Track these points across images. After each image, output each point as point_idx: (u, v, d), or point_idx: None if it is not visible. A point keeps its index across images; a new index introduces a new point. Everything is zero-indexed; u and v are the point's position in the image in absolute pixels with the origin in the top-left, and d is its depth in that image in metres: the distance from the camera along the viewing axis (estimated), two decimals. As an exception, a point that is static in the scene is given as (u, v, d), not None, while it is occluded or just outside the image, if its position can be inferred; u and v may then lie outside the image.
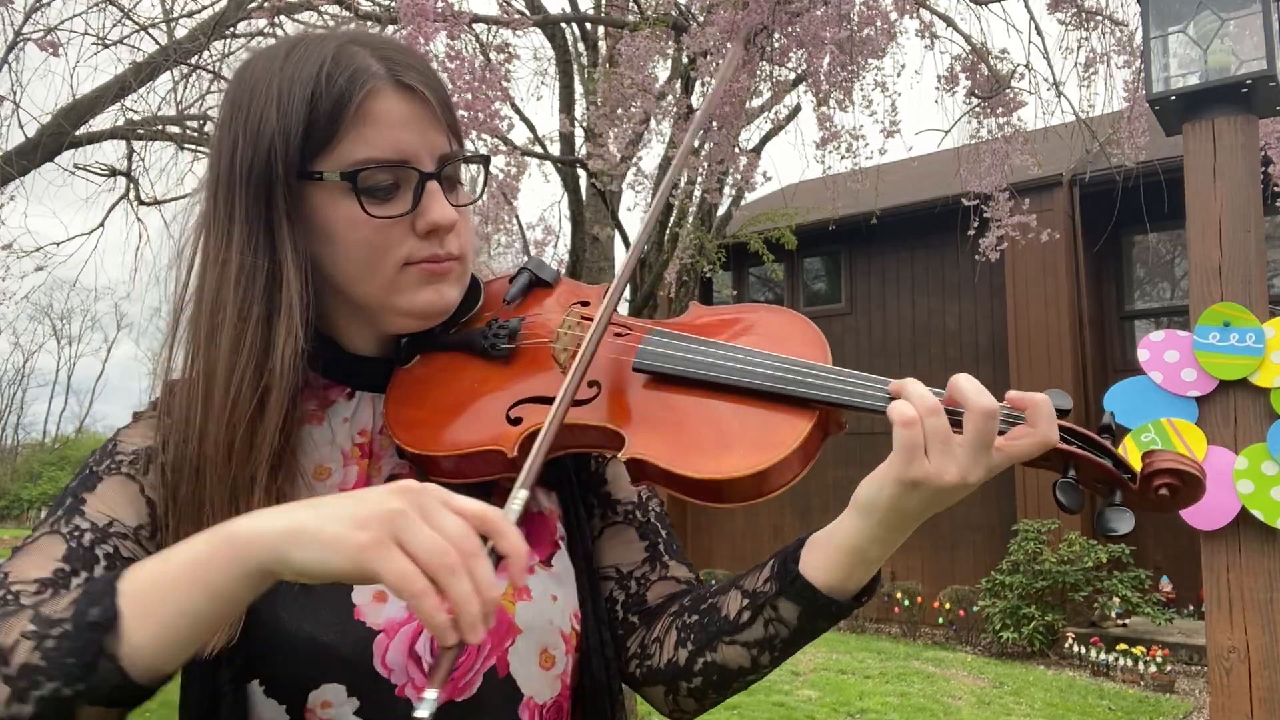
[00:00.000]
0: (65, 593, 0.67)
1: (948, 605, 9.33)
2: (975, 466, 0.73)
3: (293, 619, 0.76)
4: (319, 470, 0.85)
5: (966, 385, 0.73)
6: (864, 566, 0.78)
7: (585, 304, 0.92)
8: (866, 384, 0.78)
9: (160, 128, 5.73)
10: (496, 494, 0.86)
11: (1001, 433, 0.74)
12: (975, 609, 8.90)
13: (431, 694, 0.58)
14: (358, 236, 0.80)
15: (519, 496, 0.69)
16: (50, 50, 4.50)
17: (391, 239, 0.81)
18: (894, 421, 0.73)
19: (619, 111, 4.59)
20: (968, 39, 6.04)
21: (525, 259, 0.99)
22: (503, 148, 4.73)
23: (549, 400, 0.80)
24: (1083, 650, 8.10)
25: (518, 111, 5.83)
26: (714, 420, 0.79)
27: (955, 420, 0.73)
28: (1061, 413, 0.77)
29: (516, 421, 0.82)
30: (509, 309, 0.93)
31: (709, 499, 0.77)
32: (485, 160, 0.92)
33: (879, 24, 4.93)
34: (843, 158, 5.62)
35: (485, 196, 0.95)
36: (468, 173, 0.93)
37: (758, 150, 6.55)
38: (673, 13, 5.13)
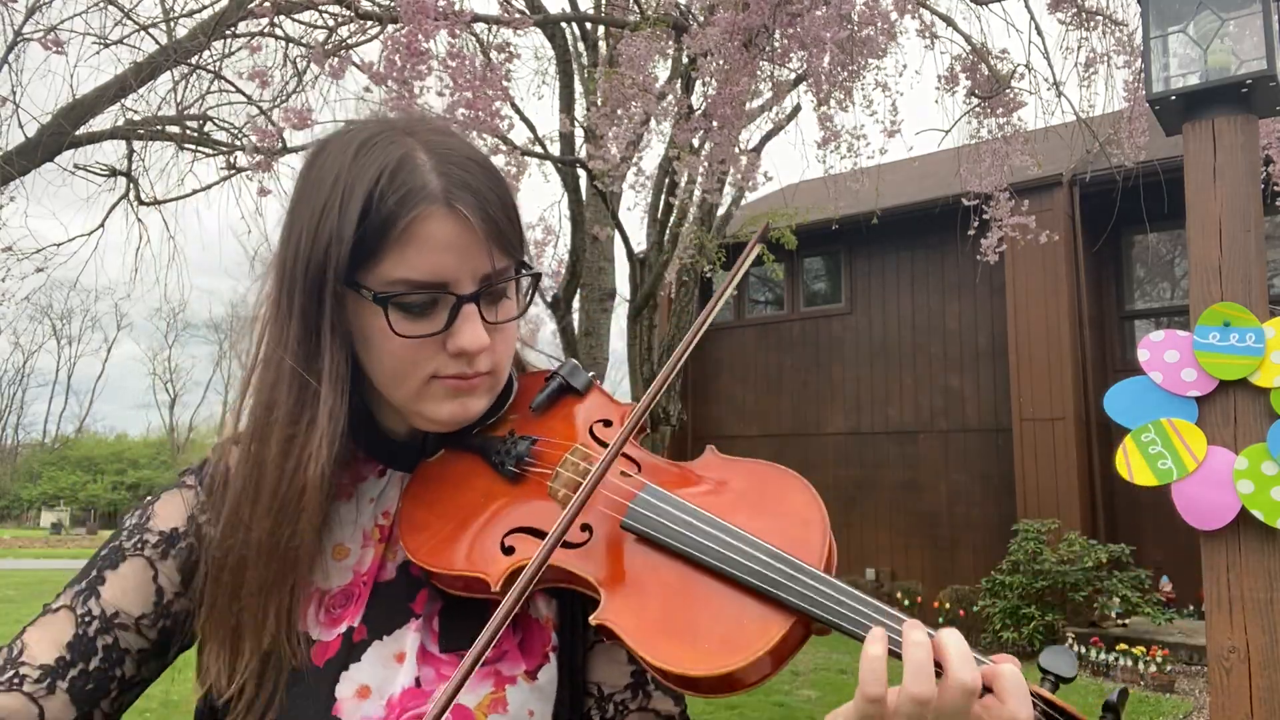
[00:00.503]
0: (61, 686, 0.77)
1: (948, 605, 9.33)
2: None
3: (280, 709, 0.80)
4: (337, 549, 0.88)
5: (950, 648, 0.69)
6: None
7: (608, 424, 0.92)
8: (852, 604, 0.74)
9: (160, 128, 5.74)
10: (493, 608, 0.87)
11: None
12: (975, 609, 8.90)
13: None
14: (390, 348, 0.83)
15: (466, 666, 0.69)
16: (54, 49, 4.50)
17: (421, 355, 0.83)
18: (861, 690, 0.69)
19: (619, 111, 4.59)
20: (968, 39, 6.04)
21: (561, 361, 0.98)
22: (503, 147, 4.73)
23: (540, 534, 0.81)
24: (1083, 650, 8.11)
25: (518, 111, 5.83)
26: (691, 601, 0.77)
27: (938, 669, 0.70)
28: (1063, 680, 0.75)
29: (509, 551, 0.82)
30: (531, 418, 0.94)
31: (676, 684, 0.74)
32: (537, 276, 0.91)
33: (879, 24, 4.94)
34: (843, 158, 5.62)
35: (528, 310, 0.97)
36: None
37: (758, 150, 6.55)
38: (673, 13, 5.13)
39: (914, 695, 0.66)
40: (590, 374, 0.98)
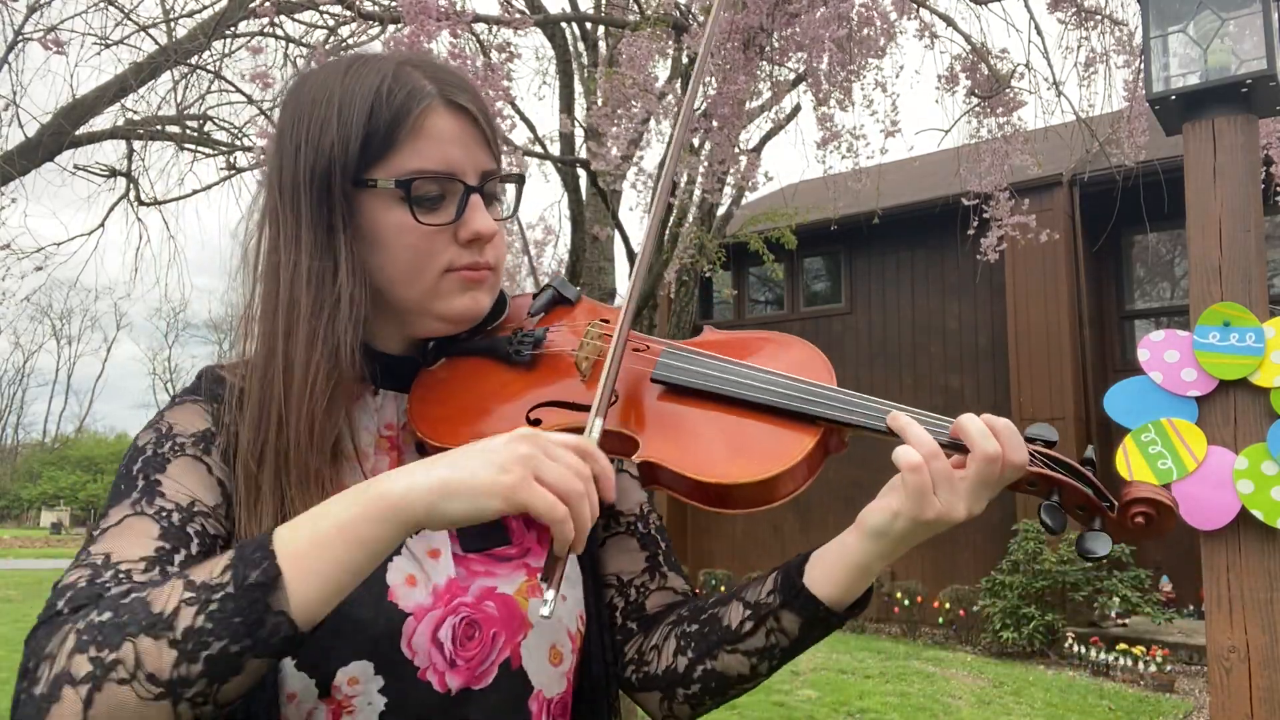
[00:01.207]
0: (173, 570, 0.72)
1: (948, 605, 9.33)
2: (978, 501, 0.80)
3: None
4: (359, 454, 0.89)
5: (972, 428, 0.81)
6: (865, 580, 0.85)
7: (606, 321, 0.97)
8: (867, 405, 0.85)
9: (160, 128, 5.74)
10: None
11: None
12: (975, 609, 8.90)
13: (550, 594, 0.69)
14: (405, 242, 0.86)
15: (596, 425, 0.77)
16: (55, 49, 4.50)
17: (436, 246, 0.87)
18: (900, 466, 0.80)
19: (619, 111, 4.59)
20: (968, 38, 6.04)
21: (549, 277, 1.02)
22: (503, 147, 4.73)
23: (569, 405, 0.86)
24: (1083, 650, 8.11)
25: (518, 111, 5.83)
26: (725, 431, 0.84)
27: (949, 450, 0.81)
28: (1049, 444, 0.85)
29: (535, 423, 0.86)
30: (532, 321, 0.98)
31: (715, 504, 0.82)
32: (521, 179, 0.99)
33: (878, 24, 4.94)
34: (843, 158, 5.62)
35: (518, 211, 1.05)
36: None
37: (758, 150, 6.55)
38: (674, 12, 5.13)
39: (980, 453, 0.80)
40: (578, 288, 1.04)
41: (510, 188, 0.99)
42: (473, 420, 0.88)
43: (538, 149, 6.11)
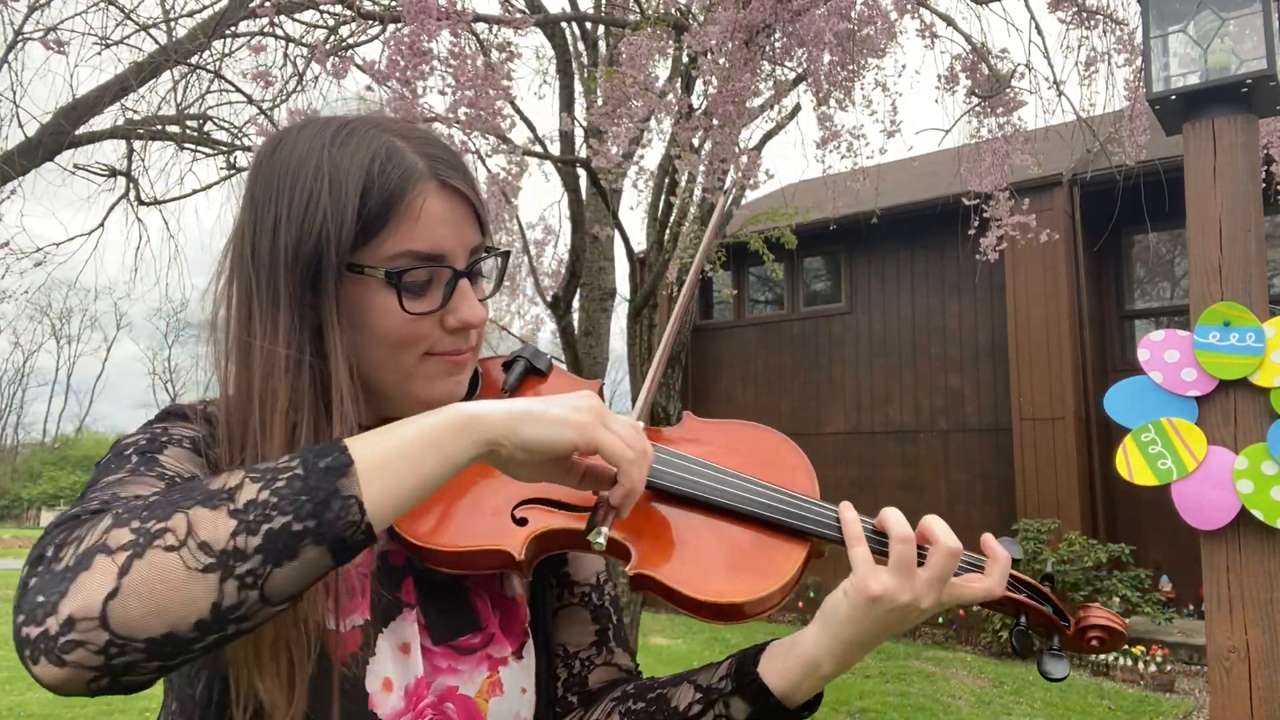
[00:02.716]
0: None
1: (948, 605, 9.34)
2: (928, 594, 0.81)
3: (316, 705, 0.77)
4: None
5: (936, 526, 0.83)
6: (814, 680, 0.83)
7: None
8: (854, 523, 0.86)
9: (160, 128, 5.73)
10: (470, 595, 0.90)
11: (958, 573, 0.84)
12: (975, 608, 8.90)
13: (606, 529, 0.74)
14: (389, 327, 0.83)
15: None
16: (55, 49, 4.50)
17: (420, 332, 0.84)
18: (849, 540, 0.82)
19: (619, 110, 4.59)
20: (968, 38, 6.04)
21: (522, 346, 1.01)
22: (503, 147, 4.73)
23: (552, 504, 0.84)
24: (1083, 650, 8.12)
25: (518, 111, 5.83)
26: (716, 543, 0.84)
27: (921, 555, 0.82)
28: (1013, 562, 0.87)
29: (522, 522, 0.83)
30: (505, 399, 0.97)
31: (710, 617, 0.82)
32: (506, 255, 0.96)
33: (879, 23, 4.94)
34: (843, 157, 5.62)
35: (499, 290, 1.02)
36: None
37: (759, 149, 6.55)
38: (673, 12, 5.13)
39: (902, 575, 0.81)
40: (549, 355, 1.01)
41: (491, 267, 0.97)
42: (455, 515, 0.85)
43: (538, 149, 6.11)
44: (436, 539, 0.83)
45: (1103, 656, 7.73)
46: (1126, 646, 7.60)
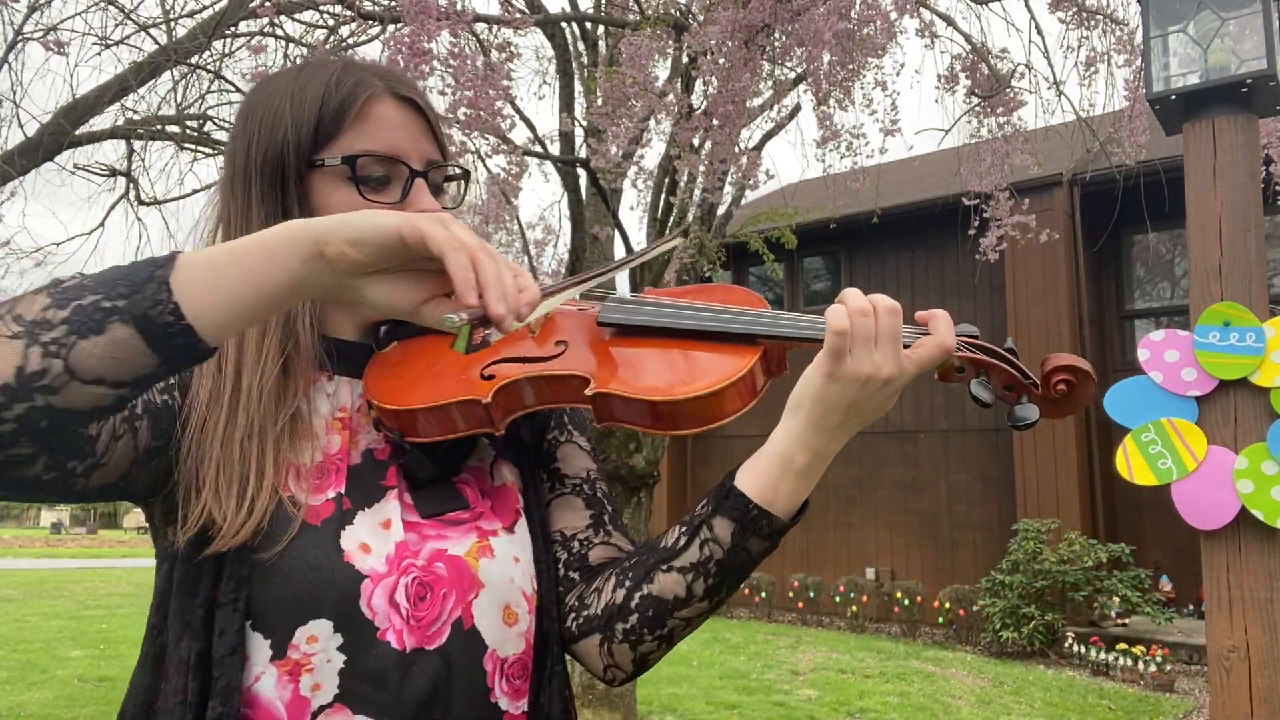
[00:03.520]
0: None
1: (948, 605, 9.33)
2: (886, 361, 0.81)
3: (293, 555, 0.81)
4: (305, 430, 0.91)
5: (878, 298, 0.83)
6: (792, 476, 0.84)
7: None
8: (805, 320, 0.88)
9: (160, 128, 5.73)
10: (474, 454, 0.96)
11: (907, 345, 0.84)
12: (975, 608, 8.90)
13: (454, 318, 0.69)
14: None
15: (540, 308, 0.78)
16: (55, 49, 4.50)
17: None
18: (829, 326, 0.81)
19: (619, 110, 4.59)
20: (968, 38, 6.04)
21: (549, 277, 1.04)
22: (503, 147, 4.73)
23: (522, 359, 0.90)
24: (1082, 650, 8.11)
25: (518, 111, 5.83)
26: (671, 360, 0.89)
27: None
28: (973, 337, 0.89)
29: (490, 378, 0.89)
30: None
31: (667, 425, 0.85)
32: (466, 175, 1.02)
33: (878, 23, 4.94)
34: (842, 157, 5.62)
35: (471, 201, 1.08)
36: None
37: (758, 149, 6.55)
38: (674, 12, 5.13)
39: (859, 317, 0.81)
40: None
41: (453, 186, 1.02)
42: (428, 383, 0.90)
43: (538, 149, 6.11)
44: (409, 400, 0.88)
45: (1103, 656, 7.72)
46: (1126, 646, 7.59)
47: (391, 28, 4.39)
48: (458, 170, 1.00)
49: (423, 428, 0.89)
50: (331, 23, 5.47)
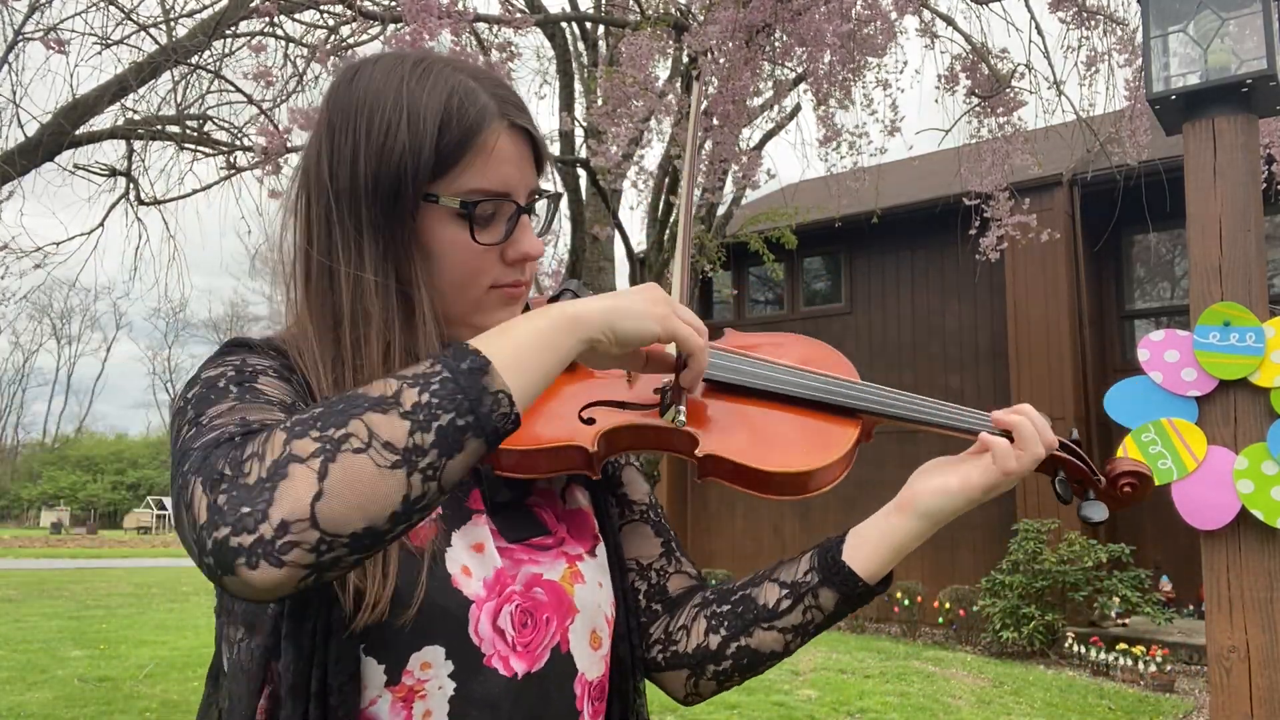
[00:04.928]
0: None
1: (948, 605, 9.33)
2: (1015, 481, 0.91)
3: (407, 580, 0.80)
4: None
5: (1026, 430, 0.89)
6: (898, 558, 0.92)
7: None
8: (898, 398, 0.93)
9: (160, 128, 5.73)
10: (536, 506, 0.95)
11: None
12: (975, 609, 8.90)
13: (682, 408, 0.84)
14: (458, 259, 0.87)
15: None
16: (57, 49, 4.50)
17: (485, 264, 0.88)
18: (996, 453, 0.89)
19: (619, 110, 4.59)
20: (968, 38, 6.04)
21: (549, 277, 1.04)
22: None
23: (617, 404, 0.91)
24: (1083, 650, 8.11)
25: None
26: (774, 425, 0.91)
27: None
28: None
29: (590, 422, 0.89)
30: None
31: (774, 491, 0.88)
32: (559, 197, 1.02)
33: (879, 23, 4.94)
34: (842, 157, 5.63)
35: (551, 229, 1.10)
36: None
37: (759, 149, 6.55)
38: (674, 11, 5.13)
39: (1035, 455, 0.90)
40: (591, 293, 1.07)
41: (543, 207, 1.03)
42: (528, 422, 0.87)
43: (538, 149, 6.10)
44: (511, 441, 0.85)
45: (1103, 656, 7.73)
46: (1126, 646, 7.60)
47: (392, 28, 4.39)
48: (555, 193, 0.99)
49: (509, 466, 0.88)
50: (332, 23, 5.47)
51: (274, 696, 0.79)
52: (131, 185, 6.32)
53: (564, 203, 6.44)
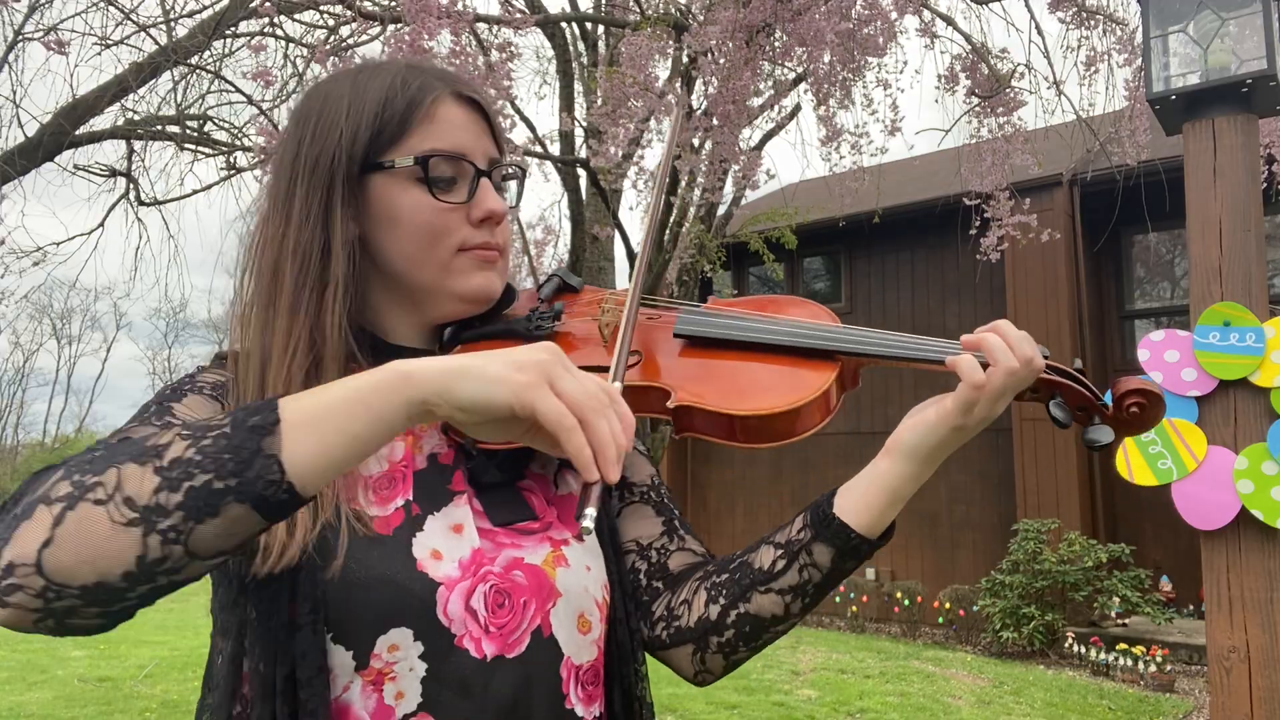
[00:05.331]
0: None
1: (948, 605, 9.33)
2: (1000, 406, 0.86)
3: (367, 566, 0.80)
4: None
5: (996, 346, 0.85)
6: (894, 506, 0.88)
7: (618, 296, 1.02)
8: (876, 337, 0.90)
9: (160, 128, 5.74)
10: (536, 460, 0.95)
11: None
12: (975, 609, 8.90)
13: (591, 511, 0.66)
14: (420, 220, 0.90)
15: (615, 386, 0.77)
16: (56, 49, 4.50)
17: (450, 224, 0.91)
18: (967, 380, 0.84)
19: (619, 110, 4.59)
20: (968, 38, 6.04)
21: (559, 269, 1.06)
22: (506, 146, 4.73)
23: (594, 369, 0.88)
24: (1083, 650, 8.11)
25: (518, 111, 5.83)
26: (750, 373, 0.90)
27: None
28: (1044, 357, 0.90)
29: None
30: (544, 304, 1.01)
31: (748, 438, 0.87)
32: (523, 174, 1.03)
33: (879, 23, 4.94)
34: (843, 157, 5.63)
35: (520, 205, 1.11)
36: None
37: (759, 149, 6.55)
38: (674, 11, 5.13)
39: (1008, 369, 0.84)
40: (582, 279, 1.08)
41: (512, 184, 1.03)
42: None
43: (538, 149, 6.11)
44: None
45: (1103, 656, 7.72)
46: (1126, 646, 7.60)
47: (392, 27, 4.39)
48: (517, 170, 1.01)
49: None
50: (331, 23, 5.47)
51: (245, 699, 0.80)
52: (131, 185, 6.32)
53: (564, 203, 6.45)
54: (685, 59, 5.26)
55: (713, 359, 0.91)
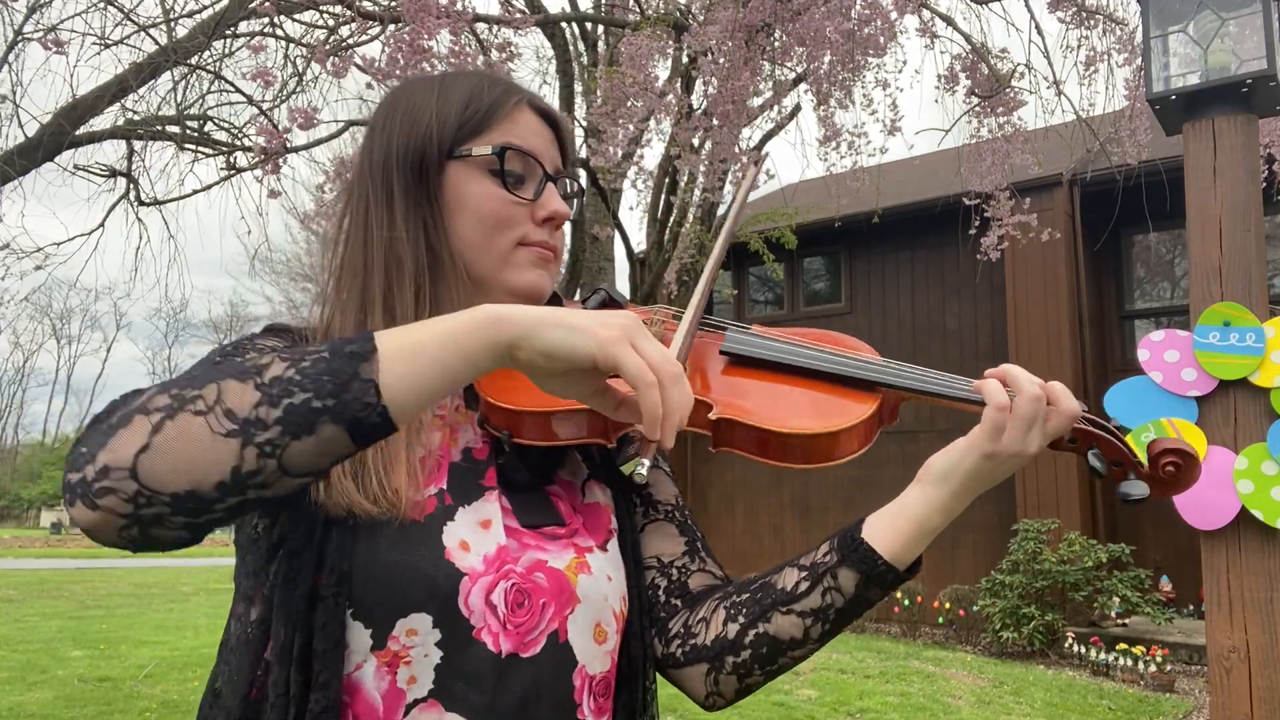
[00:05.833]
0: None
1: (948, 605, 9.33)
2: (1032, 441, 0.86)
3: (395, 549, 0.81)
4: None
5: (1045, 383, 0.86)
6: (924, 536, 0.89)
7: (661, 316, 1.05)
8: (921, 374, 0.92)
9: (160, 128, 5.73)
10: (565, 467, 0.97)
11: None
12: (975, 609, 8.90)
13: (646, 461, 0.71)
14: (489, 208, 0.93)
15: (679, 344, 0.84)
16: (55, 49, 4.50)
17: (515, 217, 0.94)
18: (992, 402, 0.86)
19: (619, 110, 4.59)
20: (968, 38, 6.04)
21: (603, 284, 1.08)
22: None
23: None
24: (1083, 650, 8.11)
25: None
26: (792, 396, 0.92)
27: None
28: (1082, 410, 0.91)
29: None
30: None
31: (785, 457, 0.88)
32: (582, 192, 1.07)
33: (878, 23, 4.94)
34: (842, 157, 5.63)
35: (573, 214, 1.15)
36: None
37: (758, 149, 6.54)
38: (674, 11, 5.13)
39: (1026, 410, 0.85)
40: (625, 297, 1.10)
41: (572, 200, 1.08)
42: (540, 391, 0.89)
43: (538, 149, 6.10)
44: (526, 402, 0.87)
45: (1103, 656, 7.72)
46: (1126, 646, 7.60)
47: (392, 27, 4.39)
48: (578, 186, 1.05)
49: (539, 431, 0.88)
50: (331, 23, 5.47)
51: (267, 665, 0.80)
52: (131, 185, 6.32)
53: (564, 203, 6.45)
54: (685, 59, 5.26)
55: (757, 379, 0.93)
